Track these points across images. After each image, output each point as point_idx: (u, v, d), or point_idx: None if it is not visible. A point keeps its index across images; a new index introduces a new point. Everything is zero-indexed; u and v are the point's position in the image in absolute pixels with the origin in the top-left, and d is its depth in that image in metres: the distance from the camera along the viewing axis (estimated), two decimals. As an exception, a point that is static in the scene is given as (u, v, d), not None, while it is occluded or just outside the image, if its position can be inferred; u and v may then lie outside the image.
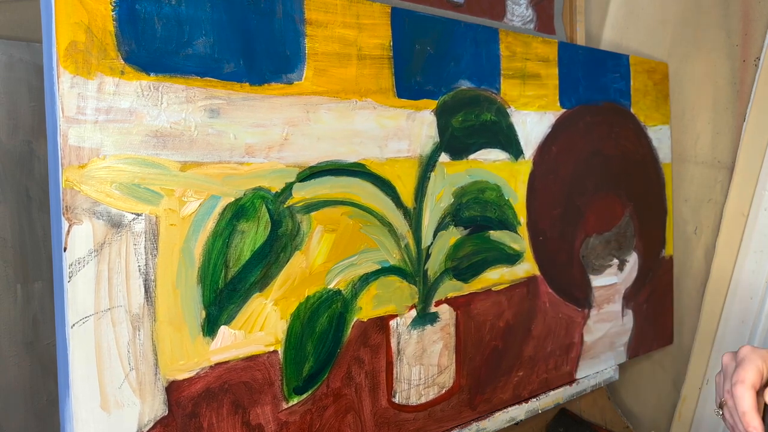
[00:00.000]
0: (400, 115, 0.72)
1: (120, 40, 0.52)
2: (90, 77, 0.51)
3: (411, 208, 0.74)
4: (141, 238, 0.54)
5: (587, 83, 0.97)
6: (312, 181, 0.65)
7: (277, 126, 0.62)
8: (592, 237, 0.99)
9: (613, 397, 1.24)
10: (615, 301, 1.03)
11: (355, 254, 0.69)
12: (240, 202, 0.60)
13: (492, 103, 0.83)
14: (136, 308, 0.54)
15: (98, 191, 0.51)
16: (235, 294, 0.60)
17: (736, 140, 1.06)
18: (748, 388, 0.54)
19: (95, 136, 0.51)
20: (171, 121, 0.55)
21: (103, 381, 0.52)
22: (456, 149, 0.79)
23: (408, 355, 0.74)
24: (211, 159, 0.58)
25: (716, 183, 1.09)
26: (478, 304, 0.82)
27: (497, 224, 0.84)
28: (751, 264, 1.02)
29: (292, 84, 0.63)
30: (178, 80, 0.56)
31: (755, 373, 0.55)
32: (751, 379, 0.54)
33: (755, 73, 1.02)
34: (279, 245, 0.62)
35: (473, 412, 0.83)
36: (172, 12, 0.55)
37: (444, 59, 0.77)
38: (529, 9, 1.07)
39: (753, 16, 1.03)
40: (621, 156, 1.03)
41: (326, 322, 0.66)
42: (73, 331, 0.50)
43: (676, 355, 1.16)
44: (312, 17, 0.64)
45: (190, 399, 0.57)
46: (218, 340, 0.59)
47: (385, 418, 0.73)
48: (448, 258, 0.78)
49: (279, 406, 0.63)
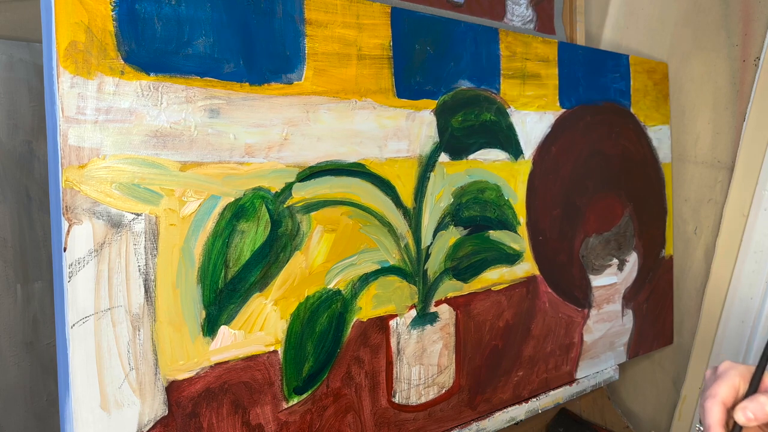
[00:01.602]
0: (399, 115, 0.72)
1: (120, 40, 0.52)
2: (90, 77, 0.51)
3: (411, 208, 0.74)
4: (141, 238, 0.54)
5: (587, 83, 0.97)
6: (312, 181, 0.65)
7: (277, 126, 0.62)
8: (591, 237, 0.99)
9: (613, 397, 1.24)
10: (615, 301, 1.03)
11: (355, 254, 0.69)
12: (240, 202, 0.60)
13: (492, 103, 0.83)
14: (136, 308, 0.54)
15: (98, 191, 0.51)
16: (235, 294, 0.60)
17: (736, 140, 1.06)
18: (717, 403, 0.54)
19: (95, 136, 0.51)
20: (171, 121, 0.55)
21: (103, 381, 0.52)
22: (456, 149, 0.79)
23: (408, 355, 0.74)
24: (211, 159, 0.58)
25: (716, 183, 1.09)
26: (477, 304, 0.82)
27: (497, 224, 0.84)
28: (751, 264, 1.02)
29: (292, 84, 0.63)
30: (178, 80, 0.56)
31: (729, 389, 0.55)
32: (723, 395, 0.55)
33: (755, 73, 1.02)
34: (279, 245, 0.62)
35: (473, 412, 0.83)
36: (172, 12, 0.55)
37: (444, 59, 0.77)
38: (529, 9, 1.07)
39: (753, 16, 1.03)
40: (621, 156, 1.03)
41: (326, 322, 0.66)
42: (73, 331, 0.50)
43: (676, 355, 1.16)
44: (312, 17, 0.64)
45: (190, 399, 0.57)
46: (218, 340, 0.59)
47: (385, 418, 0.73)
48: (447, 258, 0.78)
49: (279, 406, 0.63)
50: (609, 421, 1.16)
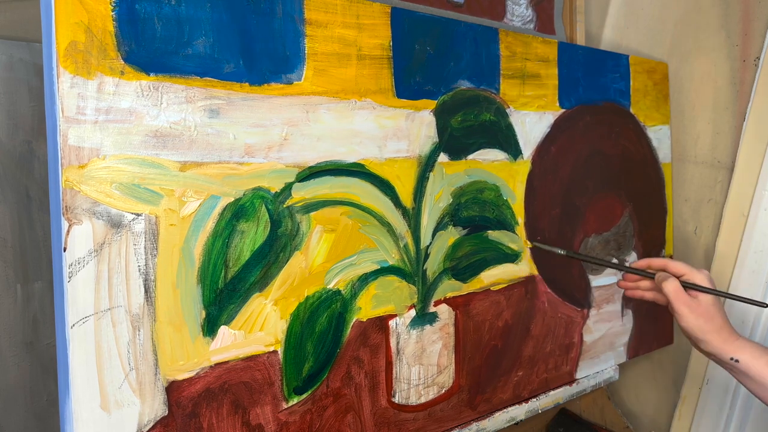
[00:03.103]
0: (399, 115, 0.72)
1: (120, 40, 0.52)
2: (90, 77, 0.51)
3: (410, 208, 0.74)
4: (141, 238, 0.54)
5: (587, 83, 0.97)
6: (311, 181, 0.65)
7: (277, 126, 0.62)
8: (591, 237, 0.99)
9: (613, 397, 1.24)
10: (615, 301, 1.03)
11: (355, 254, 0.69)
12: (240, 202, 0.60)
13: (491, 103, 0.83)
14: (136, 308, 0.54)
15: (98, 191, 0.51)
16: (235, 294, 0.60)
17: (736, 140, 1.06)
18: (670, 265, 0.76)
19: (95, 136, 0.51)
20: (171, 121, 0.55)
21: (103, 381, 0.52)
22: (455, 149, 0.79)
23: (407, 355, 0.74)
24: (211, 159, 0.58)
25: (716, 183, 1.09)
26: (477, 304, 0.82)
27: (496, 224, 0.84)
28: (751, 264, 1.02)
29: (292, 84, 0.63)
30: (177, 80, 0.56)
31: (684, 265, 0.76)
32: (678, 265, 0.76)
33: (755, 73, 1.02)
34: (278, 245, 0.62)
35: (473, 412, 0.83)
36: (172, 12, 0.55)
37: (443, 59, 0.77)
38: (529, 9, 1.07)
39: (753, 16, 1.03)
40: (621, 156, 1.03)
41: (326, 322, 0.66)
42: (73, 331, 0.50)
43: (676, 355, 1.16)
44: (312, 17, 0.65)
45: (190, 399, 0.57)
46: (218, 340, 0.59)
47: (384, 418, 0.73)
48: (447, 258, 0.78)
49: (279, 406, 0.63)
50: (609, 421, 1.17)
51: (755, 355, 0.69)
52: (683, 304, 0.72)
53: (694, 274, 0.75)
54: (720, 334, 0.71)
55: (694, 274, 0.75)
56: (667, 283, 0.74)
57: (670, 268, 0.77)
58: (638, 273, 0.81)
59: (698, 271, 0.75)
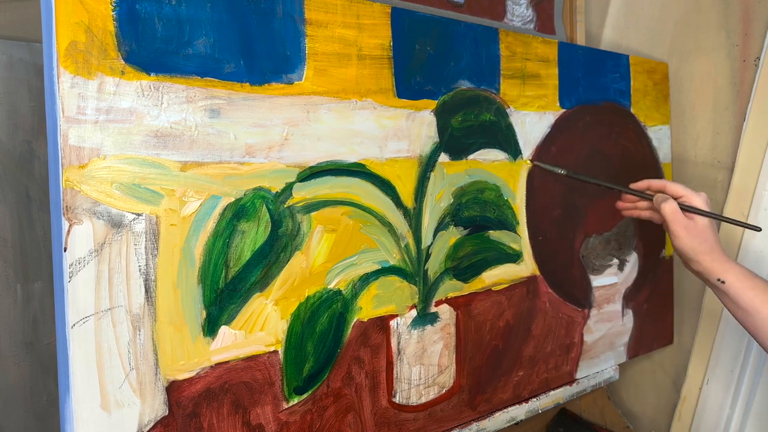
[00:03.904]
0: (399, 115, 0.72)
1: (120, 40, 0.52)
2: (90, 77, 0.51)
3: (411, 208, 0.74)
4: (141, 238, 0.54)
5: (587, 83, 0.97)
6: (312, 181, 0.65)
7: (278, 126, 0.62)
8: (592, 237, 0.99)
9: (613, 397, 1.24)
10: (615, 301, 1.03)
11: (355, 254, 0.69)
12: (240, 202, 0.60)
13: (491, 103, 0.83)
14: (137, 308, 0.54)
15: (98, 191, 0.51)
16: (236, 294, 0.60)
17: (736, 140, 1.06)
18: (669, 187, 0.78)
19: (95, 136, 0.51)
20: (171, 121, 0.55)
21: (103, 381, 0.52)
22: (455, 149, 0.79)
23: (408, 355, 0.74)
24: (212, 159, 0.58)
25: (716, 183, 1.09)
26: (478, 304, 0.82)
27: (496, 224, 0.84)
28: (751, 264, 1.02)
29: (293, 84, 0.63)
30: (178, 80, 0.56)
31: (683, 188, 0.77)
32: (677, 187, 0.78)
33: (755, 73, 1.02)
34: (279, 245, 0.62)
35: (473, 412, 0.83)
36: (173, 12, 0.55)
37: (444, 59, 0.77)
38: (529, 9, 1.07)
39: (753, 16, 1.03)
40: (621, 156, 1.03)
41: (326, 322, 0.66)
42: (73, 331, 0.50)
43: (676, 355, 1.16)
44: (312, 17, 0.64)
45: (190, 399, 0.57)
46: (219, 340, 0.59)
47: (385, 418, 0.73)
48: (448, 258, 0.78)
49: (279, 406, 0.63)
50: (609, 421, 1.17)
51: (740, 278, 0.72)
52: (679, 225, 0.75)
53: (693, 197, 0.77)
54: (711, 255, 0.73)
55: (693, 197, 0.77)
56: (666, 204, 0.76)
57: (668, 189, 0.79)
58: (637, 194, 0.84)
59: (697, 194, 0.77)
